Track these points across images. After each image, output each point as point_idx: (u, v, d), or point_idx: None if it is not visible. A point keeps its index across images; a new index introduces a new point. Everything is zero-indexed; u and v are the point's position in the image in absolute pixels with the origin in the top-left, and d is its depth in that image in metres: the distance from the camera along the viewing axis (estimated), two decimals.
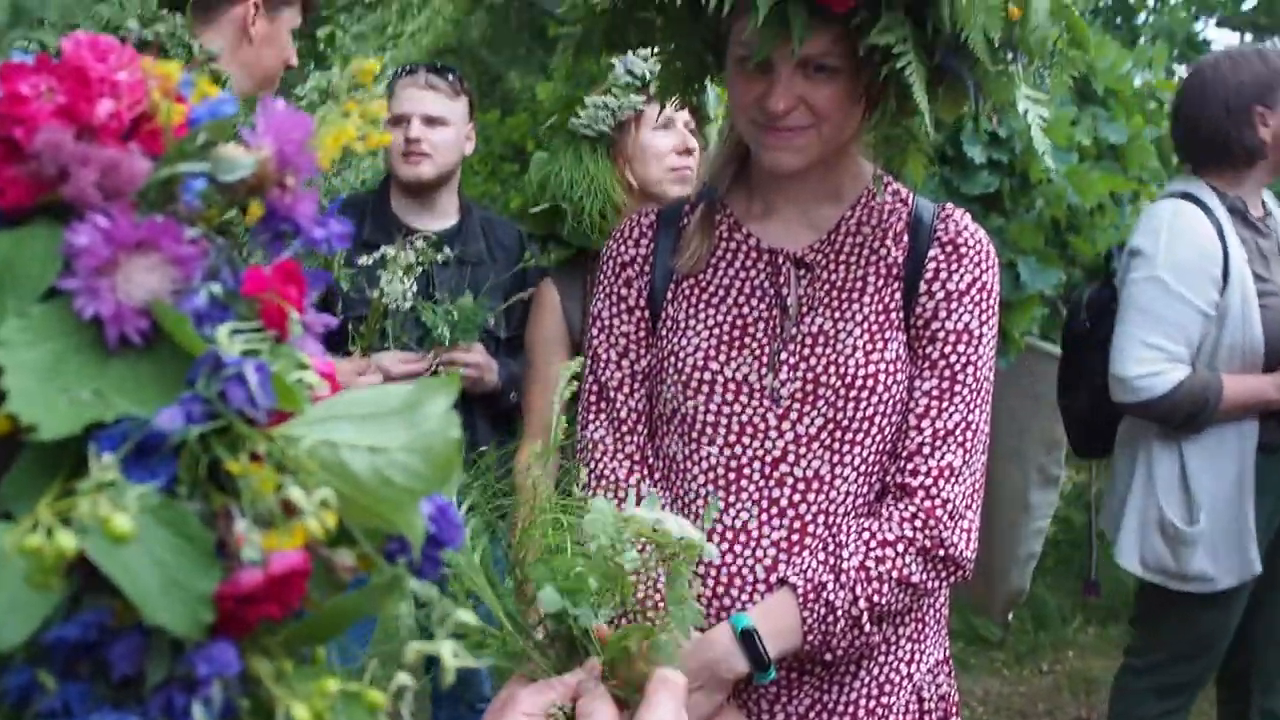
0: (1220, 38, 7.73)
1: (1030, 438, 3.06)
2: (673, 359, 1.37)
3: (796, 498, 1.32)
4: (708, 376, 1.35)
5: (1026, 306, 2.43)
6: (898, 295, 1.34)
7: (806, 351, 1.33)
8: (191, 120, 0.54)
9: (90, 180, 0.50)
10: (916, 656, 1.39)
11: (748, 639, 1.26)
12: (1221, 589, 2.32)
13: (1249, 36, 7.09)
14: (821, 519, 1.32)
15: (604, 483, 1.37)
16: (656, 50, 1.37)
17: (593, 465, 1.39)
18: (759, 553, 1.32)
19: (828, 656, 1.30)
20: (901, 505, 1.30)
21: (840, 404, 1.31)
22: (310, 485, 0.48)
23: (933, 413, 1.32)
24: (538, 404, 2.27)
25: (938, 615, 1.42)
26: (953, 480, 1.30)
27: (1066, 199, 2.39)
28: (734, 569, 1.33)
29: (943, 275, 1.34)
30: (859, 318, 1.33)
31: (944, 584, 1.32)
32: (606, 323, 1.44)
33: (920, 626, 1.38)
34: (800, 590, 1.28)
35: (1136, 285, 2.25)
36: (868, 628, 1.28)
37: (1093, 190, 2.41)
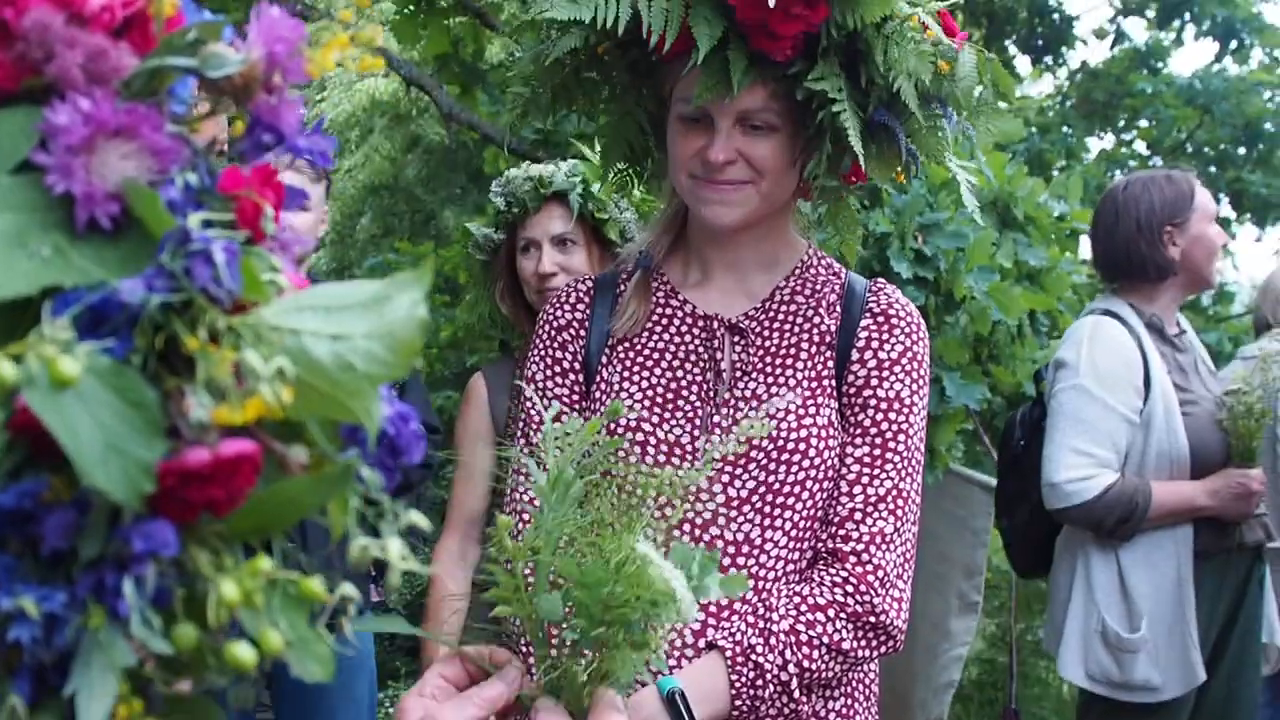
0: None
1: (951, 563, 3.08)
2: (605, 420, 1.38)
3: (726, 561, 1.31)
4: (640, 438, 1.35)
5: (952, 421, 2.49)
6: (830, 363, 1.37)
7: (739, 415, 1.34)
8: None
9: (75, 61, 0.51)
10: None
11: (674, 702, 1.23)
12: (1166, 699, 2.31)
13: None
14: (751, 583, 1.31)
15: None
16: (601, 111, 1.43)
17: (522, 526, 1.37)
18: None
19: None
20: (833, 570, 1.30)
21: (772, 467, 1.32)
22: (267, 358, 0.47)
23: (864, 479, 1.33)
24: (460, 495, 2.24)
25: (867, 691, 1.39)
26: (884, 547, 1.30)
27: (990, 316, 2.49)
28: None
29: (874, 344, 1.37)
30: (792, 383, 1.35)
31: (874, 653, 1.31)
32: (541, 385, 1.44)
33: (850, 701, 1.36)
34: (729, 653, 1.26)
35: (1063, 394, 2.33)
36: (797, 694, 1.26)
37: (1015, 307, 2.51)
